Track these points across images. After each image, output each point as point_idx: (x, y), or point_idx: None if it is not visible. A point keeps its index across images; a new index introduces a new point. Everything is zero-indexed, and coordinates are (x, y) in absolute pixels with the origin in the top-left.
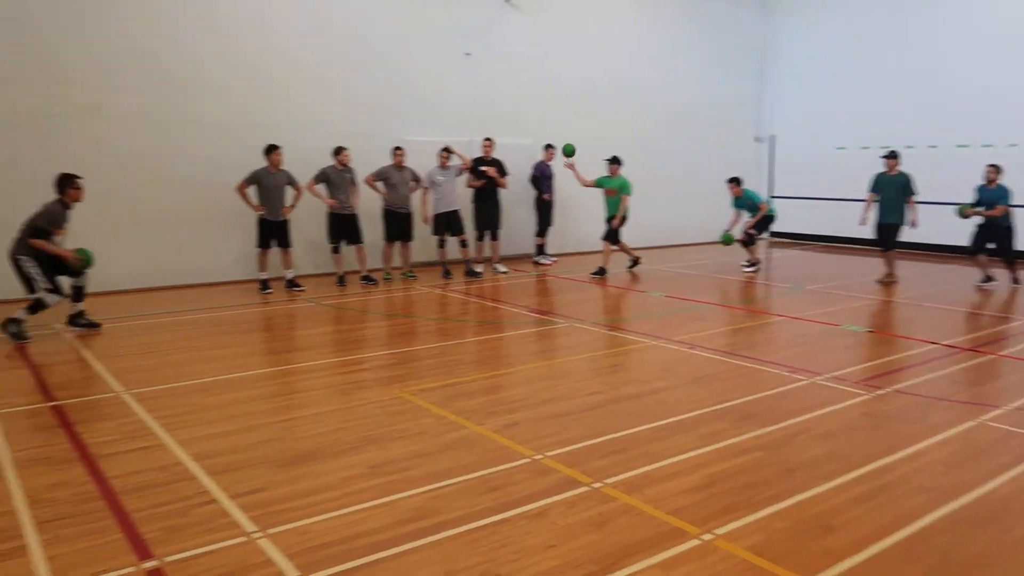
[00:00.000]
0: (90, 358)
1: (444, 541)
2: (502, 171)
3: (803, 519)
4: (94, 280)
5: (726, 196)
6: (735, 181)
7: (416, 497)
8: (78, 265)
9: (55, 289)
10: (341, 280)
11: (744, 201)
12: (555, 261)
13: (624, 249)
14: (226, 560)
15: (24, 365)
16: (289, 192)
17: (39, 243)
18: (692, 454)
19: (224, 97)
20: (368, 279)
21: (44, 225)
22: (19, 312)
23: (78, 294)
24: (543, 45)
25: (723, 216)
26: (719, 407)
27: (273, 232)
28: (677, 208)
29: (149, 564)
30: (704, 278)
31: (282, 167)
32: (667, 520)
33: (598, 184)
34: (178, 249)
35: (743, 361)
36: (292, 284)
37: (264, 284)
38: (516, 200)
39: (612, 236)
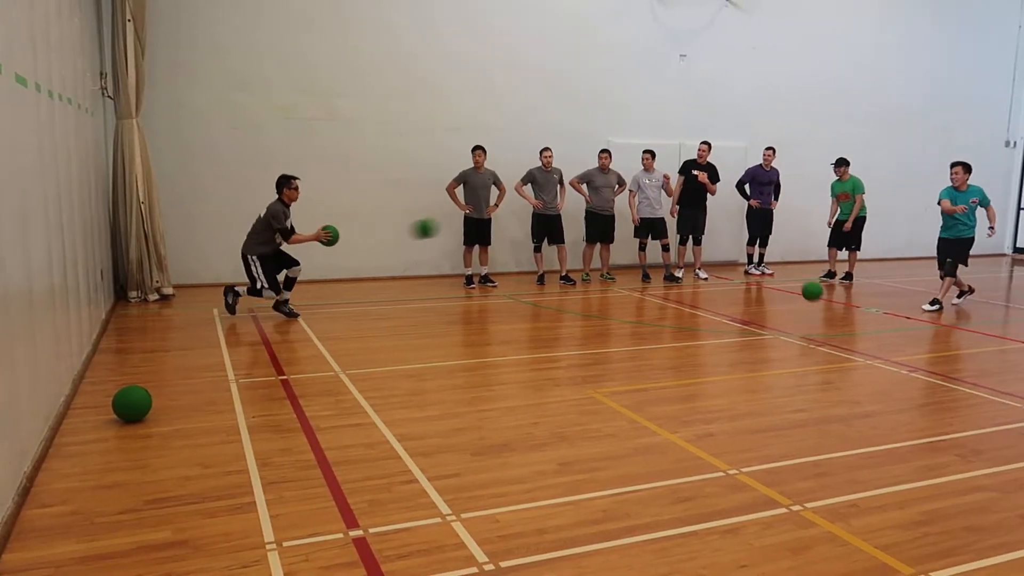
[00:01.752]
0: (314, 339)
1: (631, 546)
2: (714, 177)
3: None
4: (320, 268)
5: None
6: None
7: (604, 499)
8: (327, 241)
9: (272, 286)
10: (541, 279)
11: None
12: (766, 272)
13: (851, 261)
14: (422, 538)
15: (261, 342)
16: (494, 191)
17: (296, 238)
18: (907, 487)
19: (438, 101)
20: (567, 279)
21: (278, 225)
22: (240, 289)
23: (289, 285)
24: (762, 43)
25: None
26: (942, 438)
27: (477, 230)
28: (909, 217)
29: (355, 533)
30: (931, 295)
31: (486, 167)
32: (875, 555)
33: (832, 192)
34: (391, 243)
35: (975, 390)
36: (486, 280)
37: (468, 279)
38: (727, 205)
39: (853, 240)
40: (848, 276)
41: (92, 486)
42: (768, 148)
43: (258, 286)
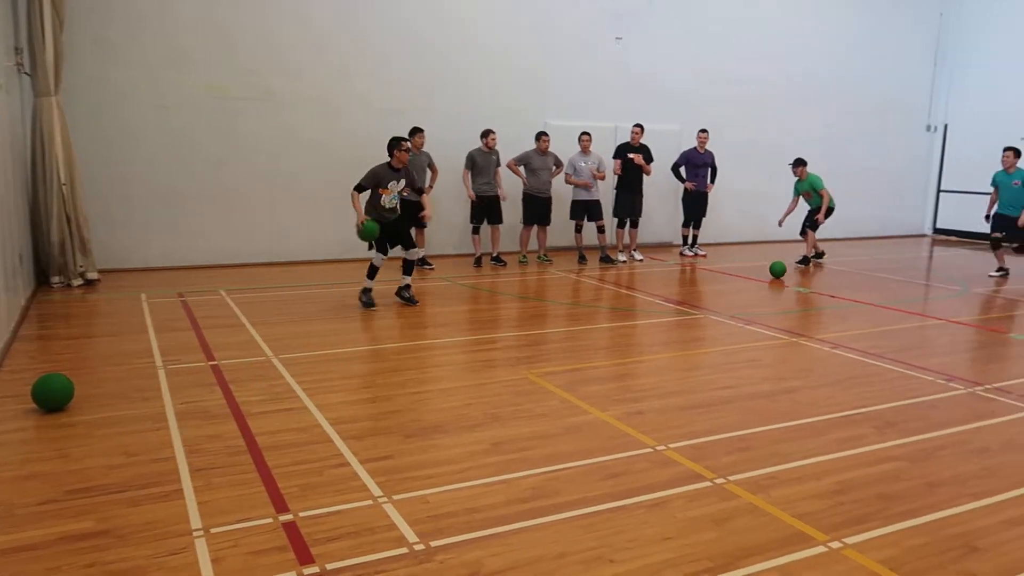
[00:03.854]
0: (246, 324)
1: (560, 523)
2: (648, 157)
3: (944, 537)
4: (254, 252)
5: (891, 189)
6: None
7: (535, 477)
8: (359, 233)
9: (380, 248)
10: (478, 261)
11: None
12: (699, 254)
13: (809, 243)
14: (353, 520)
15: (191, 327)
16: (428, 174)
17: (353, 196)
18: (825, 458)
19: (377, 81)
20: (498, 259)
21: (363, 182)
22: (366, 283)
23: (407, 268)
24: (697, 28)
25: (886, 208)
26: (859, 411)
27: (413, 212)
28: (843, 200)
29: (285, 517)
30: (857, 275)
31: (424, 149)
32: (792, 523)
33: (795, 192)
34: (330, 224)
35: (891, 365)
36: (423, 262)
37: None
38: (661, 187)
39: (814, 227)
40: (806, 260)
41: (11, 477)
42: (702, 131)
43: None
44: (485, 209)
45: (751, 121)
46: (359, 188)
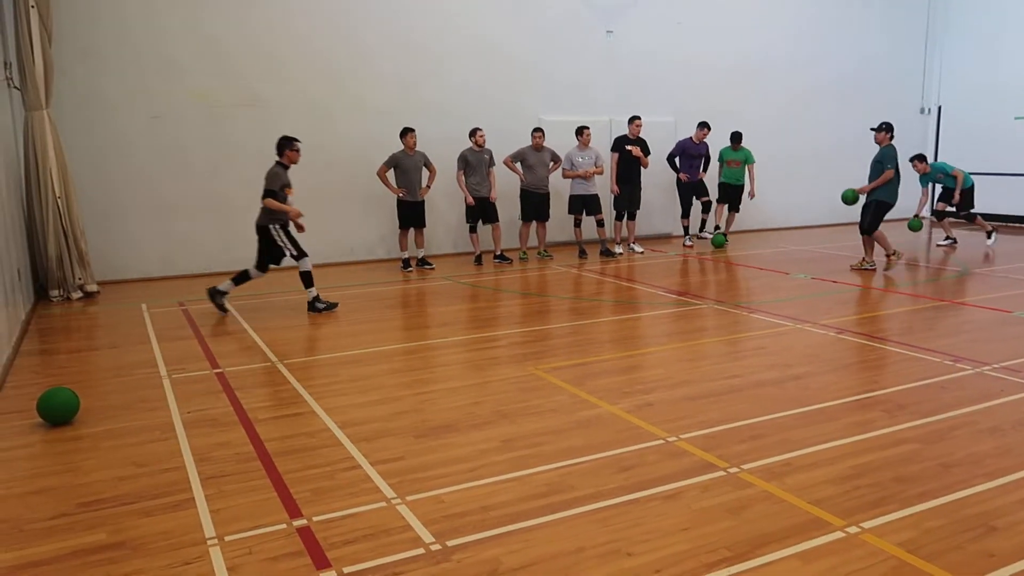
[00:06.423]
0: (249, 330)
1: (575, 518)
2: (646, 151)
3: (961, 518)
4: (251, 256)
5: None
6: (919, 158)
7: (548, 473)
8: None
9: (301, 254)
10: (478, 259)
11: (934, 175)
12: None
13: (731, 221)
14: (368, 523)
15: (193, 336)
16: (426, 173)
17: (270, 202)
18: (837, 443)
19: (365, 82)
20: (502, 257)
21: (271, 187)
22: (223, 286)
23: (241, 278)
24: (687, 19)
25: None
26: (868, 396)
27: (412, 213)
28: (830, 185)
29: (299, 522)
30: (854, 260)
31: (417, 148)
32: (808, 510)
33: (721, 157)
34: (328, 228)
35: (897, 348)
36: (423, 263)
37: (405, 263)
38: (658, 178)
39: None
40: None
41: (20, 493)
42: (704, 125)
43: (288, 255)
44: (479, 209)
45: (748, 109)
46: (271, 194)
